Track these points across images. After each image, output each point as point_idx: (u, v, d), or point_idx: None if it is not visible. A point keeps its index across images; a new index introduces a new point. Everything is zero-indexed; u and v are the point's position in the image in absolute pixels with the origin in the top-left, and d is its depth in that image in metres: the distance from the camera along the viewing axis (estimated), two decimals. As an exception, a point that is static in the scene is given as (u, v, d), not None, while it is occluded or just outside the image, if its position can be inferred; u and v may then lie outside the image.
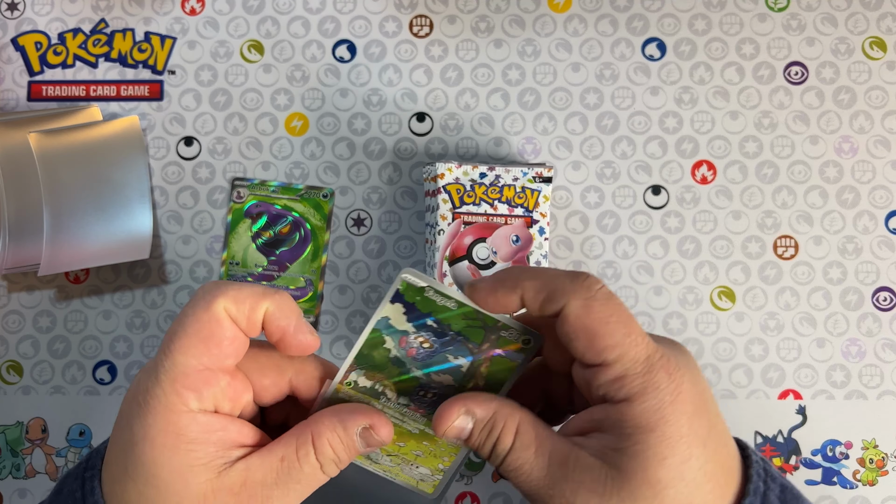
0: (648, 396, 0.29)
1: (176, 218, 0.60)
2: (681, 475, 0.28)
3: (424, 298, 0.32)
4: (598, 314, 0.30)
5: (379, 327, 0.33)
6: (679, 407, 0.29)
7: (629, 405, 0.29)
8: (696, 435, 0.29)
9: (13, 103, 0.61)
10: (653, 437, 0.28)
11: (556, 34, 0.61)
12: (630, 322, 0.30)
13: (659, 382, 0.29)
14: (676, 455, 0.28)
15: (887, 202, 0.59)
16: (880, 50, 0.60)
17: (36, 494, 0.58)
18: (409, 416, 0.34)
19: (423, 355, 0.33)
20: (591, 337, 0.30)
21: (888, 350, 0.58)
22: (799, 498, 0.31)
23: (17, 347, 0.59)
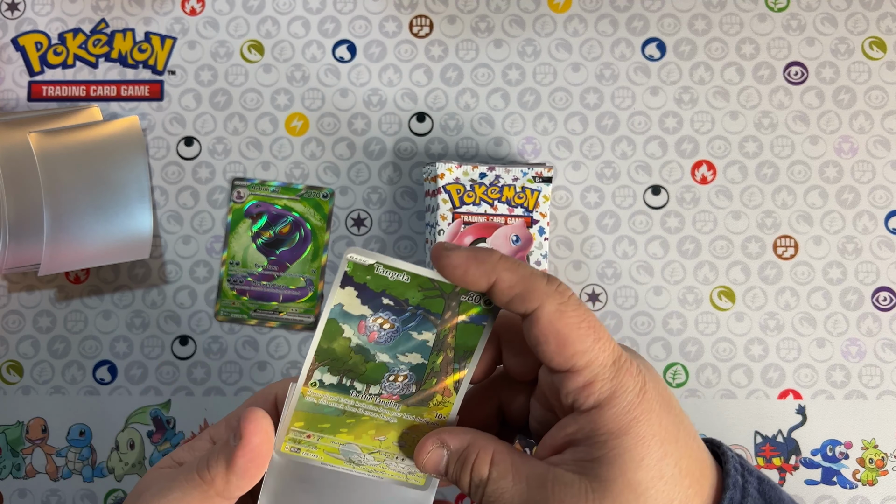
0: (618, 399, 0.29)
1: (176, 218, 0.60)
2: (659, 474, 0.29)
3: (375, 276, 0.31)
4: (570, 319, 0.30)
5: (334, 316, 0.31)
6: (647, 405, 0.29)
7: (600, 411, 0.29)
8: (667, 431, 0.29)
9: (13, 103, 0.61)
10: (627, 440, 0.29)
11: (556, 34, 0.61)
12: (599, 328, 0.30)
13: (626, 384, 0.29)
14: (652, 454, 0.29)
15: (887, 202, 0.59)
16: (880, 50, 0.60)
17: (36, 494, 0.58)
18: (383, 405, 0.33)
19: (386, 337, 0.32)
20: (561, 341, 0.29)
21: (888, 350, 0.58)
22: (777, 488, 0.32)
23: (17, 347, 0.59)
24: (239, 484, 0.30)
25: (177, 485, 0.31)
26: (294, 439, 0.33)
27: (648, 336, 0.59)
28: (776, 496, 0.31)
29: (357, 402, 0.33)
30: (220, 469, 0.30)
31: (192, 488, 0.30)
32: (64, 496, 0.58)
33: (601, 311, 0.59)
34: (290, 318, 0.59)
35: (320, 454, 0.33)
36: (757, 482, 0.31)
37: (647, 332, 0.59)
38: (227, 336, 0.59)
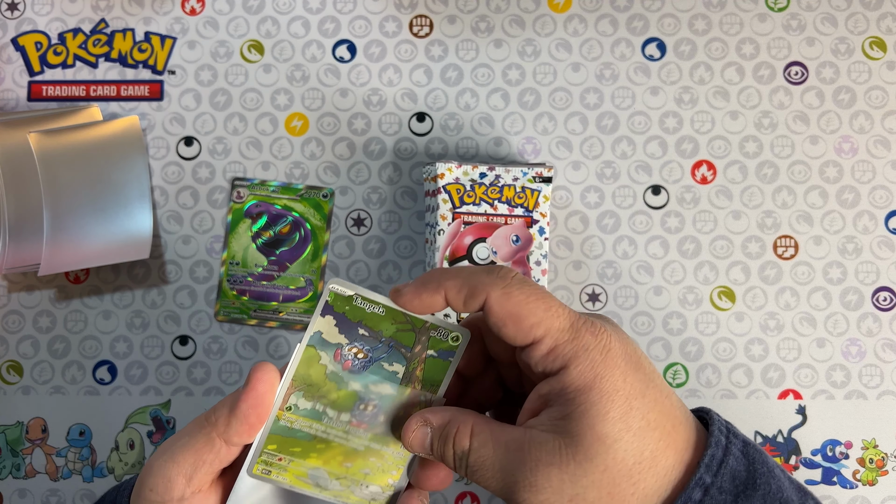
0: (580, 358, 0.31)
1: (176, 218, 0.60)
2: (626, 426, 0.30)
3: (353, 307, 0.33)
4: (517, 298, 0.32)
5: (312, 343, 0.33)
6: (611, 362, 0.31)
7: (566, 371, 0.31)
8: (632, 387, 0.31)
9: (13, 103, 0.61)
10: (593, 395, 0.30)
11: (556, 34, 0.61)
12: (548, 298, 0.32)
13: (587, 344, 0.31)
14: (617, 407, 0.30)
15: (887, 202, 0.59)
16: (880, 50, 0.60)
17: (36, 494, 0.58)
18: (352, 433, 0.34)
19: (359, 366, 0.34)
20: (516, 320, 0.31)
21: (888, 350, 0.58)
22: (762, 453, 0.32)
23: (17, 347, 0.59)
24: (238, 429, 0.32)
25: (186, 431, 0.33)
26: (266, 461, 0.34)
27: (648, 336, 0.59)
28: (760, 458, 0.32)
29: (328, 429, 0.34)
30: (224, 412, 0.32)
31: (198, 430, 0.33)
32: (64, 496, 0.58)
33: (601, 311, 0.59)
34: (290, 318, 0.59)
35: (289, 477, 0.34)
36: (742, 444, 0.32)
37: (647, 332, 0.59)
38: (226, 336, 0.59)
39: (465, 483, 0.58)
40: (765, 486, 0.31)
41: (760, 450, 0.33)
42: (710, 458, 0.31)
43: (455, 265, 0.34)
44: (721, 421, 0.33)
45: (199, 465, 0.33)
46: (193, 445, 0.33)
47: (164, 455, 0.33)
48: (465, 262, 0.53)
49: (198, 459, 0.33)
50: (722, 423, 0.33)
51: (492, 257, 0.53)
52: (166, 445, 0.33)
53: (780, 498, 0.31)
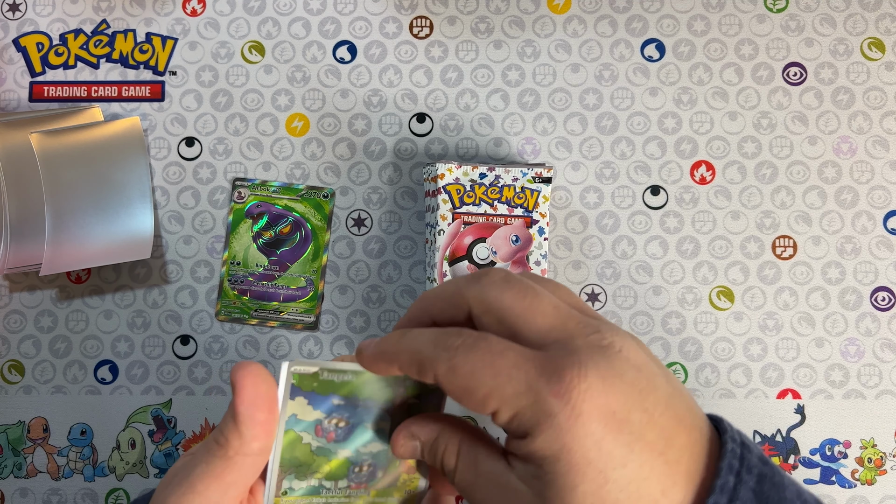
0: (543, 427, 0.27)
1: (177, 218, 0.60)
2: (600, 501, 0.27)
3: (321, 382, 0.32)
4: (462, 371, 0.28)
5: (290, 427, 0.32)
6: (581, 430, 0.26)
7: (532, 440, 0.27)
8: (610, 457, 0.26)
9: (15, 104, 0.61)
10: (559, 467, 0.27)
11: (556, 35, 0.61)
12: (498, 360, 0.28)
13: (550, 409, 0.27)
14: (589, 481, 0.26)
15: (886, 202, 0.59)
16: (879, 51, 0.61)
17: (37, 494, 0.58)
18: (354, 495, 0.34)
19: (343, 435, 0.33)
20: (468, 395, 0.28)
21: (887, 350, 0.58)
22: (781, 486, 0.28)
23: (18, 347, 0.59)
24: (252, 433, 0.30)
25: (199, 459, 0.31)
26: None
27: (648, 336, 0.59)
28: (776, 497, 0.28)
29: (329, 499, 0.33)
30: (231, 426, 0.30)
31: (212, 457, 0.31)
32: (65, 495, 0.58)
33: (601, 310, 0.59)
34: (291, 317, 0.59)
35: None
36: (756, 481, 0.28)
37: (646, 331, 0.59)
38: (227, 336, 0.59)
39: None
40: None
41: (779, 482, 0.28)
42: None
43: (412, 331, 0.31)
44: (735, 451, 0.28)
45: (225, 488, 0.31)
46: (212, 472, 0.30)
47: (179, 488, 0.31)
48: (465, 263, 0.53)
49: (221, 483, 0.31)
50: (735, 455, 0.28)
51: (492, 257, 0.53)
52: (178, 480, 0.31)
53: None
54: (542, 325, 0.29)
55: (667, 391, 0.28)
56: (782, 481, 0.28)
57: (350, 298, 0.59)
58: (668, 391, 0.28)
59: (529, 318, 0.29)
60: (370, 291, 0.60)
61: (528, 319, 0.29)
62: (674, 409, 0.28)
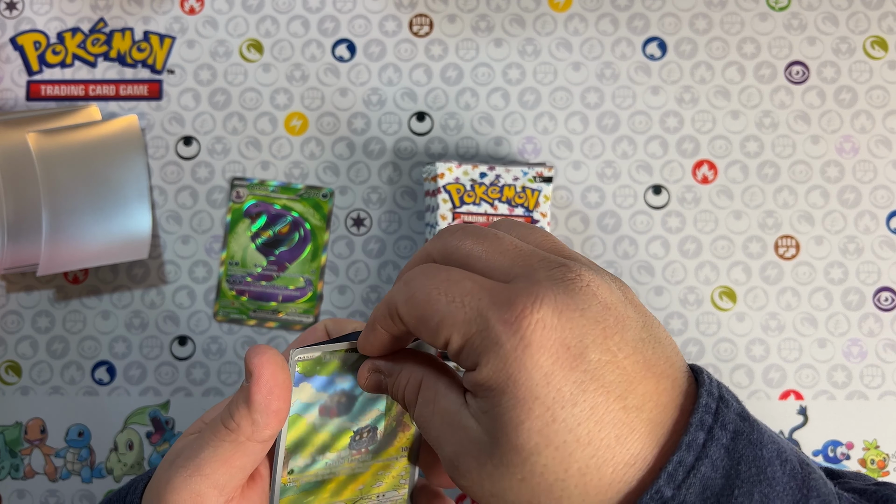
0: (490, 356, 0.25)
1: (175, 218, 0.60)
2: (546, 440, 0.25)
3: (323, 364, 0.32)
4: (418, 299, 0.27)
5: (295, 412, 0.32)
6: (529, 361, 0.25)
7: (479, 370, 0.26)
8: (559, 393, 0.25)
9: (12, 103, 0.60)
10: (505, 400, 0.25)
11: (557, 33, 0.61)
12: (451, 286, 0.27)
13: (498, 337, 0.25)
14: (535, 418, 0.25)
15: (888, 202, 0.59)
16: (881, 49, 0.60)
17: (35, 495, 0.58)
18: (357, 460, 0.34)
19: (344, 408, 0.33)
20: (423, 324, 0.27)
21: (889, 350, 0.58)
22: (759, 445, 0.26)
23: (15, 348, 0.59)
24: (266, 421, 0.30)
25: (206, 442, 0.31)
26: None
27: (649, 336, 0.58)
28: (752, 456, 0.26)
29: (334, 469, 0.34)
30: (243, 412, 0.30)
31: (221, 441, 0.30)
32: (63, 497, 0.58)
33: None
34: (290, 318, 0.59)
35: None
36: (731, 437, 0.26)
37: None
38: (226, 336, 0.59)
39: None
40: (744, 497, 0.25)
41: (757, 439, 0.26)
42: (676, 464, 0.25)
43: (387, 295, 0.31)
44: (709, 405, 0.26)
45: (234, 472, 0.31)
46: (221, 455, 0.30)
47: (185, 470, 0.31)
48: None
49: (230, 467, 0.30)
50: (709, 410, 0.26)
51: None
52: (183, 461, 0.31)
53: None
54: (502, 263, 0.27)
55: (638, 335, 0.26)
56: (761, 439, 0.26)
57: (349, 299, 0.59)
58: (640, 335, 0.26)
59: (489, 258, 0.28)
60: (370, 292, 0.59)
61: (488, 260, 0.28)
62: (643, 354, 0.26)
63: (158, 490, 0.31)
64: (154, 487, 0.32)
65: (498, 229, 0.30)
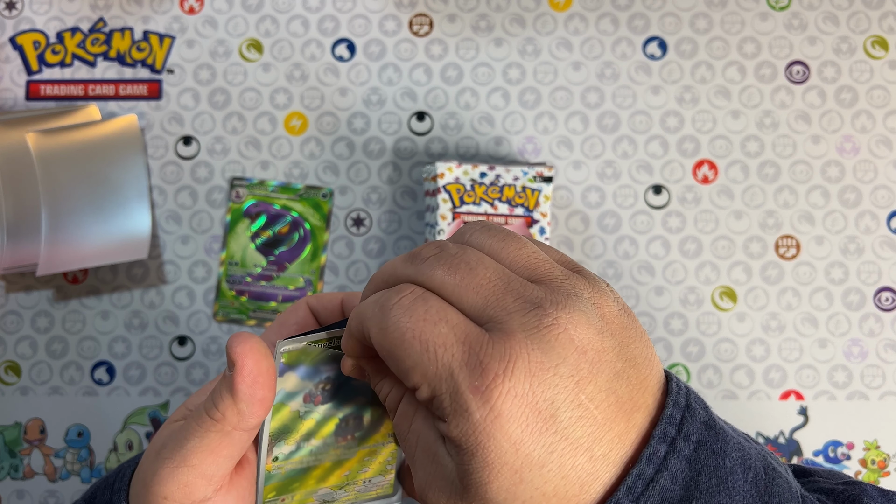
0: (460, 420, 0.25)
1: (174, 217, 0.60)
2: (513, 497, 0.25)
3: (308, 354, 0.32)
4: (391, 336, 0.27)
5: (279, 401, 0.32)
6: (499, 432, 0.25)
7: (448, 427, 0.26)
8: (528, 459, 0.25)
9: (11, 103, 0.60)
10: (474, 462, 0.25)
11: (557, 33, 0.61)
12: (427, 327, 0.26)
13: (467, 405, 0.25)
14: (503, 479, 0.25)
15: (889, 202, 0.59)
16: (882, 49, 0.60)
17: (34, 495, 0.57)
18: (342, 447, 0.34)
19: (329, 396, 0.33)
20: (392, 360, 0.27)
21: (890, 350, 0.58)
22: (722, 454, 0.26)
23: (15, 348, 0.59)
24: (251, 411, 0.30)
25: (191, 432, 0.30)
26: None
27: (650, 337, 0.58)
28: (713, 465, 0.26)
29: (319, 456, 0.34)
30: (228, 402, 0.30)
31: (206, 431, 0.30)
32: (62, 497, 0.58)
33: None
34: (290, 318, 0.59)
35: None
36: (693, 448, 0.26)
37: (648, 332, 0.58)
38: (225, 337, 0.59)
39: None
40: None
41: (721, 449, 0.27)
42: (636, 477, 0.25)
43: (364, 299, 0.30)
44: (673, 417, 0.26)
45: (220, 461, 0.31)
46: (207, 445, 0.30)
47: (172, 461, 0.31)
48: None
49: (217, 457, 0.30)
50: (673, 421, 0.26)
51: (492, 257, 0.53)
52: (169, 452, 0.31)
53: None
54: (476, 302, 0.27)
55: (613, 370, 0.26)
56: (724, 448, 0.26)
57: (349, 299, 0.59)
58: (615, 369, 0.26)
59: (462, 294, 0.27)
60: (369, 292, 0.59)
61: (461, 296, 0.27)
62: (615, 394, 0.26)
63: (146, 481, 0.31)
64: (141, 478, 0.32)
65: (471, 240, 0.29)
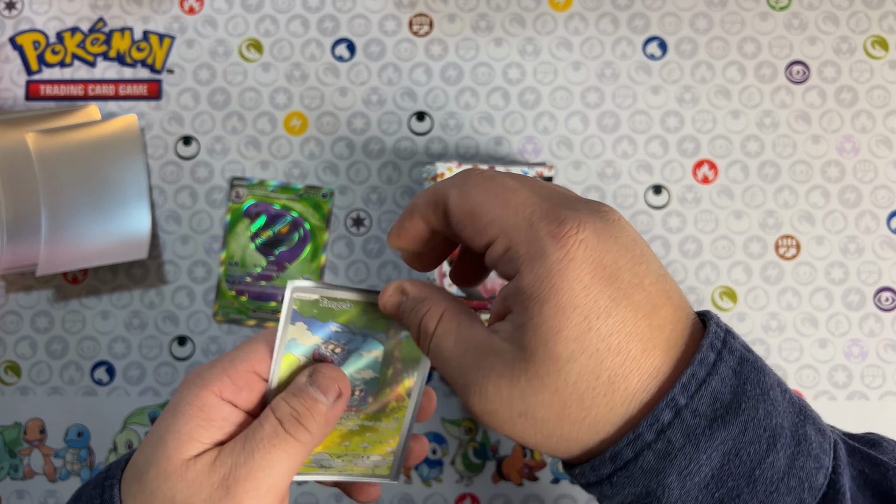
0: (535, 265, 0.27)
1: (174, 217, 0.60)
2: (581, 348, 0.27)
3: (321, 309, 0.33)
4: (474, 197, 0.29)
5: (289, 350, 0.33)
6: (571, 274, 0.27)
7: (521, 277, 0.28)
8: (595, 304, 0.27)
9: (11, 102, 0.60)
10: (546, 308, 0.27)
11: (557, 33, 0.61)
12: (510, 193, 0.29)
13: (545, 248, 0.27)
14: (573, 326, 0.27)
15: (889, 202, 0.59)
16: (882, 49, 0.60)
17: (34, 495, 0.57)
18: (345, 418, 0.35)
19: (339, 360, 0.34)
20: (471, 219, 0.29)
21: (890, 350, 0.58)
22: (761, 371, 0.28)
23: (14, 348, 0.59)
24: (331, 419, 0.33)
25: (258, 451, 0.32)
26: None
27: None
28: (755, 378, 0.28)
29: None
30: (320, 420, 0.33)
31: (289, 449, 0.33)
32: (62, 498, 0.58)
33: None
34: (290, 318, 0.59)
35: None
36: (737, 361, 0.28)
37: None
38: (225, 336, 0.59)
39: (465, 484, 0.57)
40: (750, 411, 0.27)
41: (761, 367, 0.29)
42: (690, 377, 0.27)
43: None
44: (718, 334, 0.29)
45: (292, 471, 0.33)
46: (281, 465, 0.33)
47: None
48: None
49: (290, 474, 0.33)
50: (718, 337, 0.28)
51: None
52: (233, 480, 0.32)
53: (768, 424, 0.27)
54: (543, 193, 0.29)
55: (659, 270, 0.29)
56: (763, 367, 0.29)
57: (349, 299, 0.59)
58: (661, 271, 0.29)
59: (530, 187, 0.30)
60: (369, 292, 0.59)
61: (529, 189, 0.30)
62: (663, 285, 0.29)
63: None
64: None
65: None
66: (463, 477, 0.57)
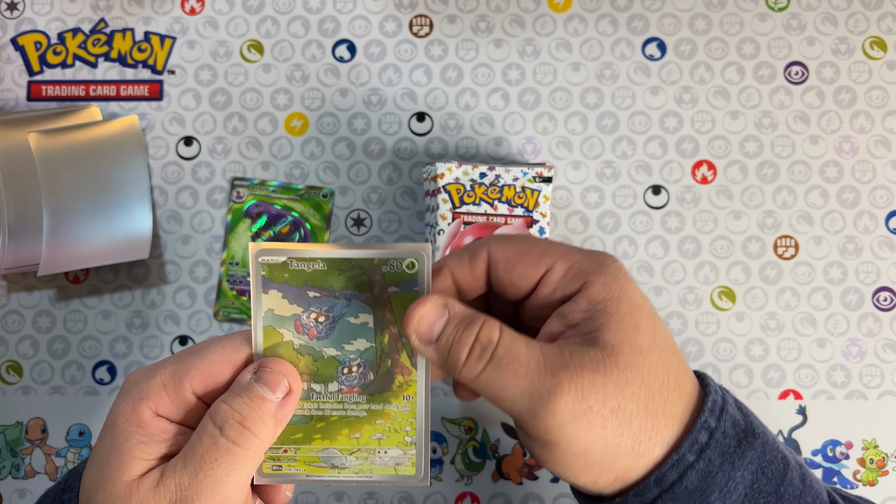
0: (602, 273, 0.30)
1: (175, 218, 0.60)
2: (654, 341, 0.30)
3: (291, 272, 0.30)
4: (518, 241, 0.32)
5: (268, 323, 0.31)
6: (629, 283, 0.30)
7: (589, 286, 0.30)
8: (652, 310, 0.31)
9: (13, 103, 0.60)
10: (623, 306, 0.29)
11: (557, 34, 0.61)
12: (545, 242, 0.32)
13: (603, 261, 0.31)
14: (645, 321, 0.30)
15: (887, 202, 0.59)
16: (881, 50, 0.60)
17: (35, 495, 0.58)
18: (347, 401, 0.32)
19: (325, 331, 0.31)
20: (523, 255, 0.31)
21: (888, 350, 0.58)
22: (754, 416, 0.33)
23: (16, 347, 0.59)
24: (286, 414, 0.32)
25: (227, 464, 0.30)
26: (272, 457, 0.32)
27: (649, 336, 0.59)
28: (752, 413, 0.32)
29: (321, 404, 0.32)
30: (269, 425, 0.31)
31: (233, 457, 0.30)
32: (63, 496, 0.58)
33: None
34: (290, 318, 0.59)
35: (302, 466, 0.32)
36: (734, 399, 0.32)
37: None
38: (226, 336, 0.59)
39: (465, 483, 0.58)
40: (762, 435, 0.31)
41: (760, 424, 0.33)
42: (713, 403, 0.30)
43: None
44: (713, 379, 0.33)
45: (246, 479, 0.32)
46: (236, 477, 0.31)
47: None
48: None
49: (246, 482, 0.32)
50: (714, 381, 0.33)
51: (492, 257, 0.53)
52: None
53: (777, 447, 0.31)
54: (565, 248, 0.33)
55: (663, 325, 0.32)
56: (760, 423, 0.33)
57: (349, 299, 0.59)
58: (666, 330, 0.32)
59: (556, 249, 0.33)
60: (370, 292, 0.59)
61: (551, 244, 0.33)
62: (672, 349, 0.31)
63: None
64: None
65: None
66: (463, 476, 0.58)
